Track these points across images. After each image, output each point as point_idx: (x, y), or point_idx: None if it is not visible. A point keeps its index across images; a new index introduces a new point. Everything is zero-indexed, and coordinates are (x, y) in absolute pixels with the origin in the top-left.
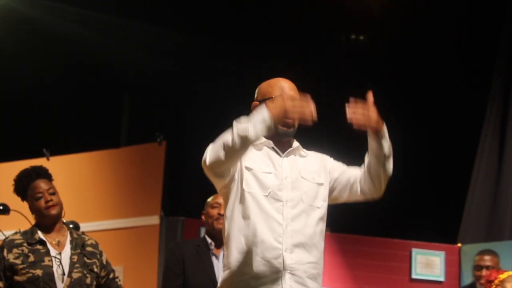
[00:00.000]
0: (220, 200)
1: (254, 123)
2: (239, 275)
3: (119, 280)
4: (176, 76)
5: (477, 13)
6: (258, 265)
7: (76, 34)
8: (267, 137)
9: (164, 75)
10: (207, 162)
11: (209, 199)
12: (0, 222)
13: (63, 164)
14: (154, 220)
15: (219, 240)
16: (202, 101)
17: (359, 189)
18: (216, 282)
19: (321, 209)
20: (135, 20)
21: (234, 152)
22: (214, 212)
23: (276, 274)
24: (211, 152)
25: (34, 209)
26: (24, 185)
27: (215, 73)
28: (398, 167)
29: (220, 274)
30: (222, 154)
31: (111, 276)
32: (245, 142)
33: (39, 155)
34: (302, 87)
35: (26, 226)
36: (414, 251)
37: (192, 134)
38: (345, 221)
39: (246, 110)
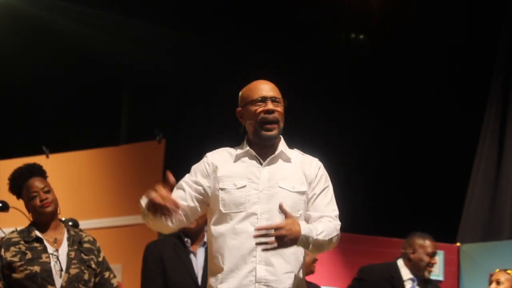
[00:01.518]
0: None
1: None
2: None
3: (116, 282)
4: (176, 74)
5: (477, 13)
6: (234, 281)
7: (76, 32)
8: (250, 145)
9: (164, 73)
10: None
11: None
12: (0, 219)
13: (62, 161)
14: None
15: (194, 237)
16: (201, 99)
17: None
18: (197, 279)
19: (300, 218)
20: (135, 19)
21: (155, 225)
22: None
23: (249, 287)
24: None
25: (29, 208)
26: (19, 184)
27: (214, 71)
28: (397, 167)
29: (199, 272)
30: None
31: (106, 275)
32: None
33: (39, 152)
34: (297, 86)
35: (25, 223)
36: None
37: (191, 132)
38: (345, 220)
39: None
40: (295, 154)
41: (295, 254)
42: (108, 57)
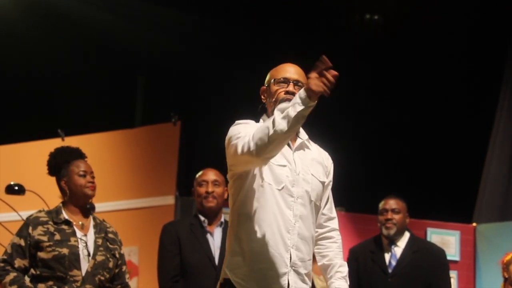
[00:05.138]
0: (207, 177)
1: (293, 104)
2: (253, 265)
3: (128, 278)
4: (191, 56)
5: None
6: (271, 258)
7: (91, 16)
8: None
9: (179, 55)
10: (255, 152)
11: (197, 176)
12: (15, 202)
13: (78, 144)
14: (169, 200)
15: (211, 217)
16: (217, 81)
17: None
18: (214, 260)
19: (320, 208)
20: (150, 1)
21: (283, 135)
22: (202, 190)
23: (283, 268)
24: (257, 142)
25: (71, 185)
26: (68, 159)
27: (229, 53)
28: (412, 148)
29: (216, 252)
30: (272, 140)
31: (123, 269)
32: (293, 125)
33: (54, 135)
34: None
35: (40, 206)
36: (429, 230)
37: (207, 114)
38: (360, 201)
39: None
40: (312, 144)
41: (313, 245)
42: (123, 40)
